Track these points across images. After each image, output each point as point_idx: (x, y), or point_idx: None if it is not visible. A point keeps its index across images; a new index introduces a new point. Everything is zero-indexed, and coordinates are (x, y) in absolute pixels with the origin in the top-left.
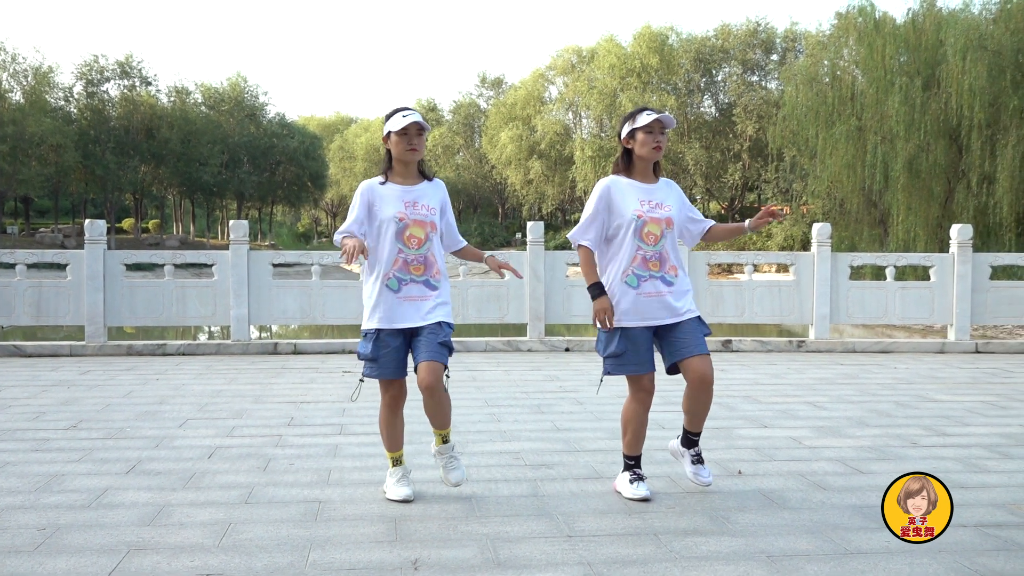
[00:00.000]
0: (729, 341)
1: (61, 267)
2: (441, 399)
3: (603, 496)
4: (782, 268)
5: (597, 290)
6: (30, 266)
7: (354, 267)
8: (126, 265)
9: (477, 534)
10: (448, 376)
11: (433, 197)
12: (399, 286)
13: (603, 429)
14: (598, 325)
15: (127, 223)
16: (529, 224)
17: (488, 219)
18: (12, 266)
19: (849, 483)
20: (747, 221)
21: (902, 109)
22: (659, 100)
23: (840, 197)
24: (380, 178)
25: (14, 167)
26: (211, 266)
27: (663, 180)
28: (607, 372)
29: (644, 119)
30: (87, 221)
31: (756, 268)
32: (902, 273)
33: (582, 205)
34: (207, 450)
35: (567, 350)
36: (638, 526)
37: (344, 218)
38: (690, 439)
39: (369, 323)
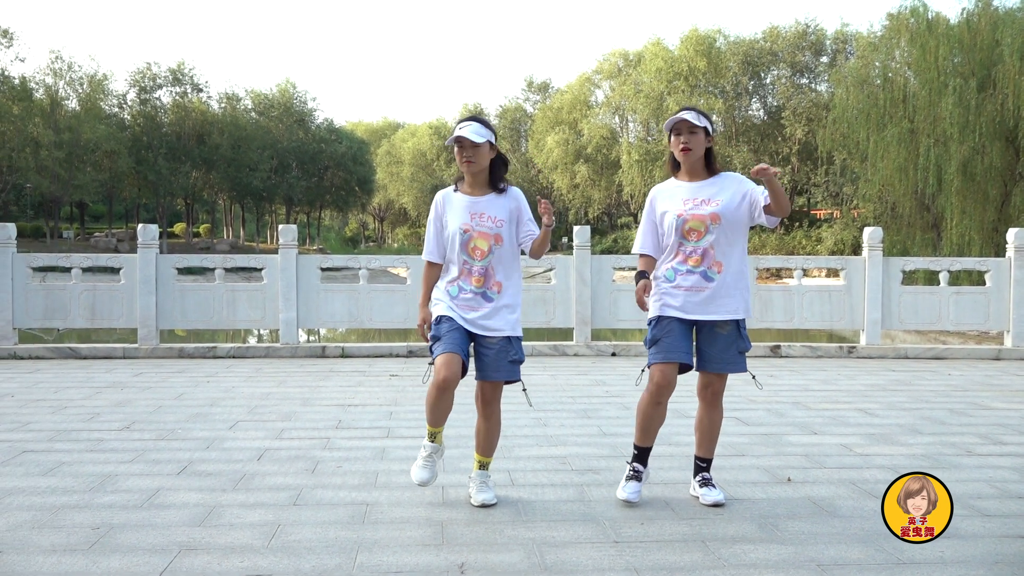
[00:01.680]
0: (778, 346)
1: (115, 271)
2: (494, 421)
3: (650, 502)
4: (832, 273)
5: (639, 276)
6: (85, 270)
7: (399, 271)
8: (178, 269)
9: (523, 539)
10: (524, 389)
11: (502, 208)
12: (458, 293)
13: None
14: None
15: (179, 227)
16: (575, 228)
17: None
18: (68, 270)
19: None
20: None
21: (956, 111)
22: (706, 103)
23: (892, 201)
24: (453, 187)
25: (70, 173)
26: (260, 270)
27: (721, 175)
28: (649, 361)
29: (670, 122)
30: (140, 226)
31: (806, 273)
32: (956, 278)
33: (628, 209)
34: (256, 452)
35: (613, 355)
36: (686, 532)
37: (393, 223)
38: (699, 466)
39: (435, 310)
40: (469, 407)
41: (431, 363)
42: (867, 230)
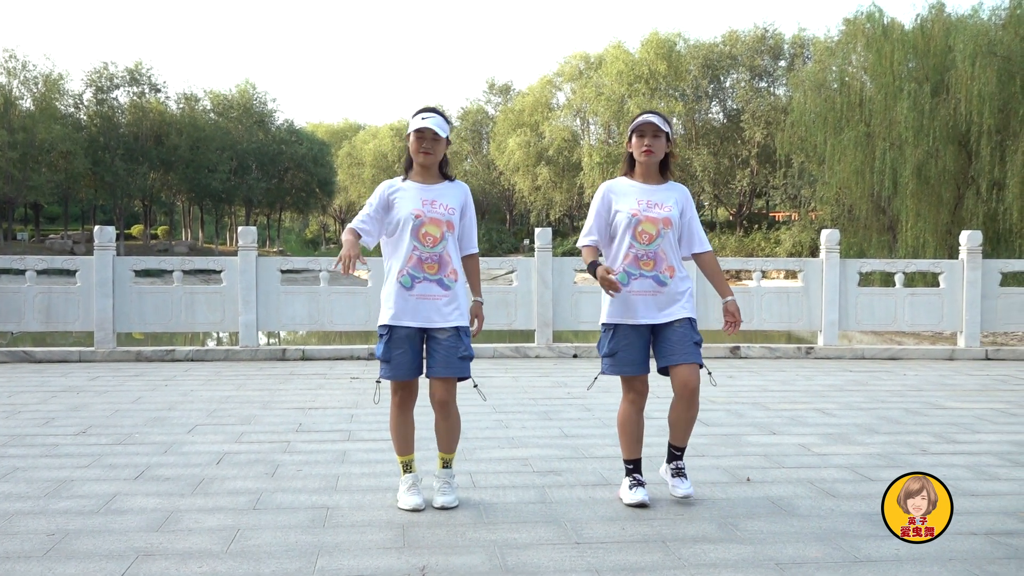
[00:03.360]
0: (737, 347)
1: (71, 273)
2: (453, 419)
3: (611, 503)
4: (790, 274)
5: (593, 265)
6: (40, 272)
7: (360, 274)
8: (135, 271)
9: (485, 541)
10: (476, 385)
11: (453, 197)
12: (412, 283)
13: (611, 436)
14: (611, 293)
15: (136, 229)
16: (537, 230)
17: (496, 225)
18: (22, 272)
19: (858, 490)
20: (726, 302)
21: (911, 115)
22: (667, 106)
23: (849, 203)
24: (401, 177)
25: (24, 174)
26: (220, 272)
27: (671, 183)
28: (603, 371)
29: (635, 123)
30: (96, 227)
31: (764, 274)
32: (911, 279)
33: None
34: (215, 456)
35: (575, 356)
36: (646, 533)
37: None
38: (672, 453)
39: (382, 319)
40: (423, 410)
41: (378, 381)
42: (824, 232)
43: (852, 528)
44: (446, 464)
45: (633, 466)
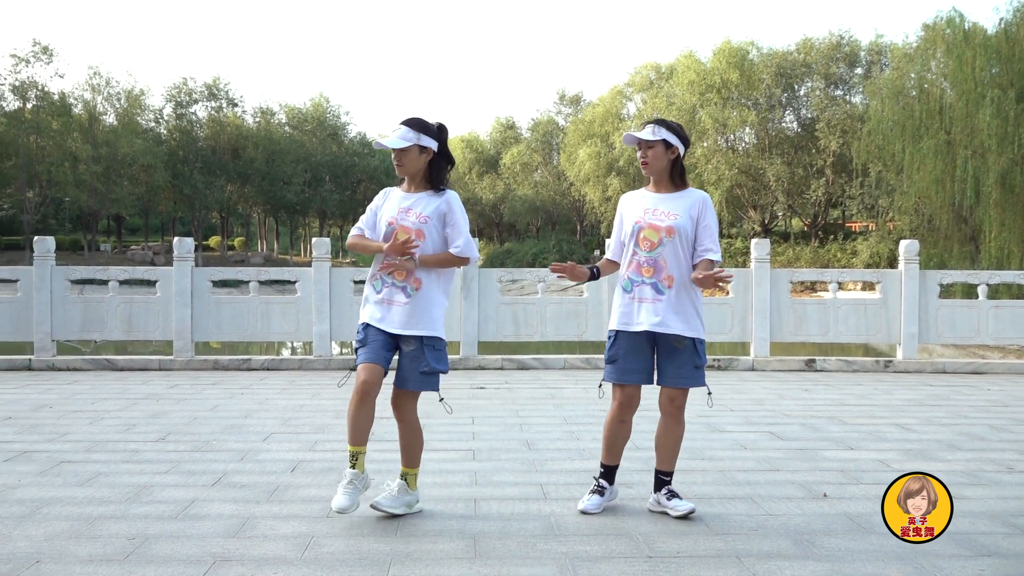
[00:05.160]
0: (813, 360)
1: (151, 284)
2: (414, 431)
3: (683, 517)
4: (868, 286)
5: (590, 271)
6: (122, 283)
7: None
8: (213, 282)
9: (556, 552)
10: (442, 399)
11: (429, 206)
12: (380, 287)
13: (683, 448)
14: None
15: (214, 241)
16: (607, 241)
17: (566, 236)
18: (105, 283)
19: None
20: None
21: (994, 122)
22: (739, 116)
23: (928, 213)
24: (399, 184)
25: (107, 187)
26: (294, 283)
27: (687, 190)
28: (604, 378)
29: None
30: (176, 239)
31: (841, 286)
32: (995, 291)
33: None
34: (290, 464)
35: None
36: (720, 548)
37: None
38: (660, 480)
39: (360, 319)
40: (495, 421)
41: (352, 369)
42: (903, 243)
43: (933, 547)
44: (403, 476)
45: (604, 471)
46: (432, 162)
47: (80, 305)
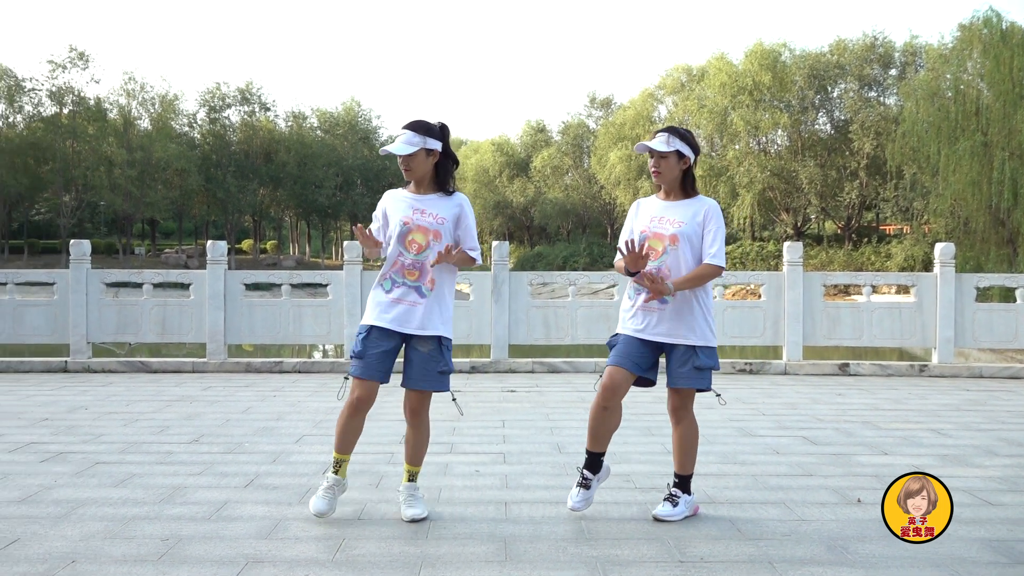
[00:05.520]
0: (847, 364)
1: (185, 286)
2: (423, 431)
3: (715, 521)
4: (902, 289)
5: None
6: (156, 286)
7: (462, 287)
8: (245, 285)
9: (587, 556)
10: (454, 398)
11: (445, 208)
12: (391, 287)
13: (714, 453)
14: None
15: (246, 244)
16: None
17: (597, 239)
18: (140, 285)
19: (977, 515)
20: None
21: None
22: (771, 118)
23: (964, 216)
24: (404, 187)
25: (142, 191)
26: (326, 286)
27: (696, 198)
28: (608, 363)
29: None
30: (209, 242)
31: (875, 289)
32: None
33: None
34: (321, 466)
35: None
36: (752, 553)
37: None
38: (673, 480)
39: (364, 320)
40: (526, 424)
41: (346, 377)
42: (939, 246)
43: (971, 554)
44: (411, 477)
45: (589, 459)
46: (438, 163)
47: (115, 308)
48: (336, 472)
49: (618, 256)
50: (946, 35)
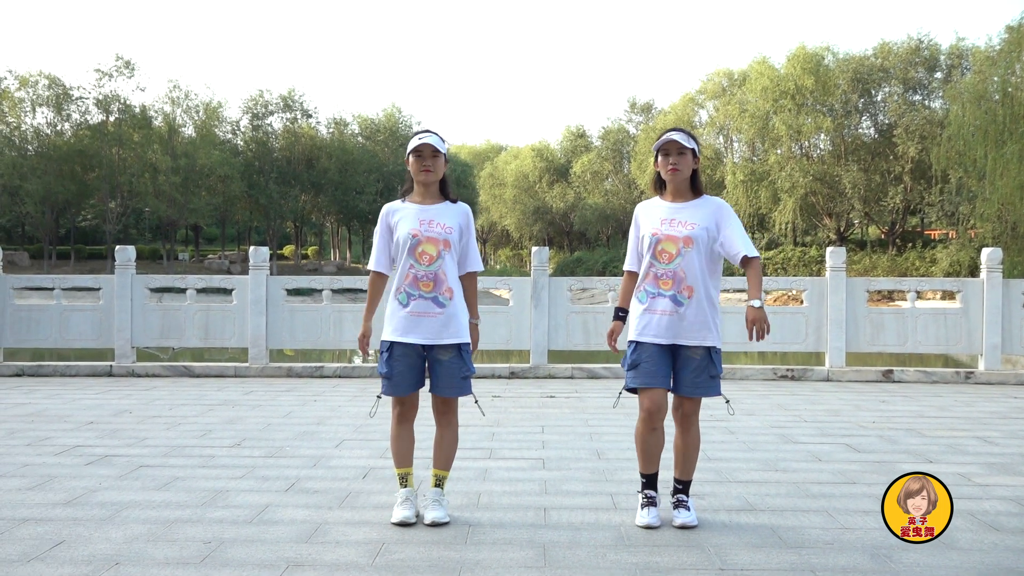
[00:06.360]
0: (891, 371)
1: (227, 292)
2: (452, 434)
3: (756, 529)
4: (948, 295)
5: (615, 314)
6: (199, 291)
7: (501, 292)
8: (287, 290)
9: (627, 563)
10: (477, 401)
11: (451, 217)
12: (408, 301)
13: (755, 460)
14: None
15: (288, 250)
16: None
17: None
18: (183, 291)
19: None
20: (749, 304)
21: None
22: (814, 122)
23: (1012, 220)
24: (400, 199)
25: (186, 197)
26: (366, 291)
27: (704, 198)
28: (625, 386)
29: (659, 142)
30: (251, 248)
31: (919, 295)
32: None
33: None
34: (362, 470)
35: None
36: (794, 562)
37: (495, 245)
38: (675, 488)
39: (384, 335)
40: (565, 430)
41: (379, 396)
42: (985, 250)
43: (1019, 564)
44: (438, 483)
45: (647, 480)
46: (443, 175)
47: (159, 313)
48: (404, 485)
49: (623, 281)
50: (993, 37)
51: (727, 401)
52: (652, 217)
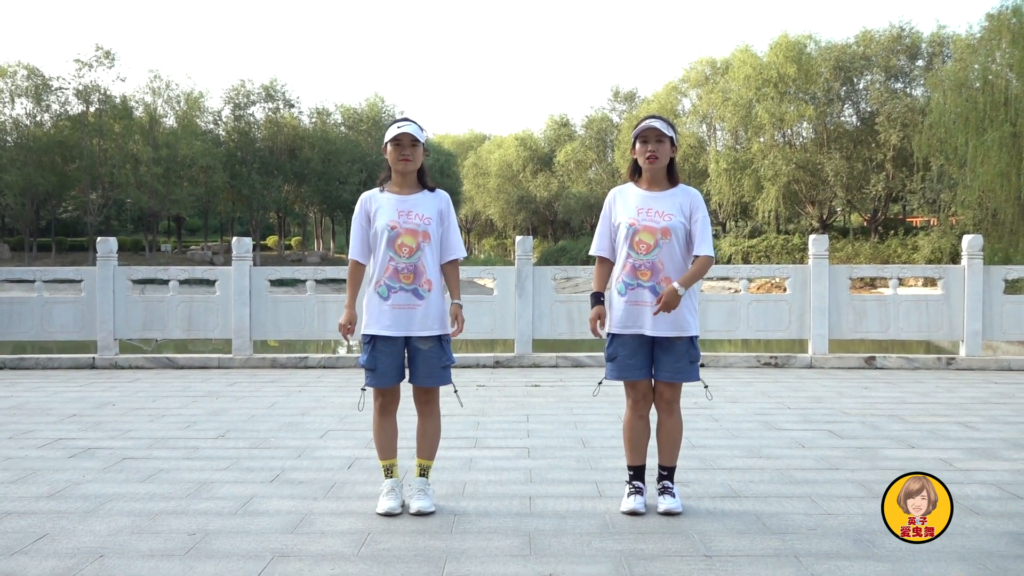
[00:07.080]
0: (873, 358)
1: (210, 283)
2: (435, 424)
3: (740, 515)
4: (929, 282)
5: (594, 299)
6: (182, 282)
7: (486, 282)
8: (270, 281)
9: (612, 551)
10: (456, 391)
11: (429, 207)
12: (388, 293)
13: (739, 447)
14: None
15: (271, 240)
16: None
17: None
18: (166, 282)
19: (1005, 508)
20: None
21: None
22: (797, 110)
23: (993, 207)
24: (378, 188)
25: (167, 188)
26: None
27: (679, 188)
28: (606, 376)
29: (638, 129)
30: (234, 239)
31: (901, 282)
32: None
33: (716, 218)
34: (347, 461)
35: (701, 366)
36: (778, 547)
37: (479, 234)
38: (660, 475)
39: (365, 328)
40: (550, 419)
41: (363, 389)
42: (966, 238)
43: (998, 548)
44: (423, 472)
45: (634, 472)
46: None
47: (141, 304)
48: (389, 476)
49: (597, 266)
50: (974, 25)
51: (706, 387)
52: (627, 204)
